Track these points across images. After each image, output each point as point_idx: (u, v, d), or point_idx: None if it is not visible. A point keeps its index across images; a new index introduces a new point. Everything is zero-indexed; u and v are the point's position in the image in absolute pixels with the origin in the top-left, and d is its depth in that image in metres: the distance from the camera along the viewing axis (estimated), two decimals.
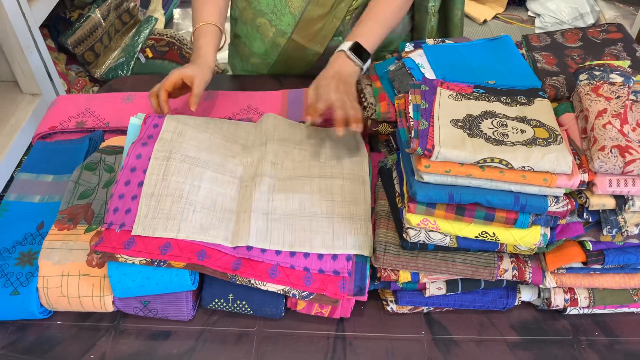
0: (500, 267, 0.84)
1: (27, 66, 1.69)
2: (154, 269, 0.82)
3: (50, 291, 0.84)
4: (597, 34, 1.09)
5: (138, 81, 1.36)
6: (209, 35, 1.11)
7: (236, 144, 1.01)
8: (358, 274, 0.85)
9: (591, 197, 0.78)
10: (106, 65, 2.31)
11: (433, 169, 0.76)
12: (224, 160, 0.96)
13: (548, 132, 0.80)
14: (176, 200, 0.86)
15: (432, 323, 0.88)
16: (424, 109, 0.83)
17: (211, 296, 0.86)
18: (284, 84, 1.30)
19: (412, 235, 0.81)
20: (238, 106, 1.18)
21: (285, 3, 1.19)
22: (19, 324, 0.87)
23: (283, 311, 0.87)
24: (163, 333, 0.87)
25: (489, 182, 0.77)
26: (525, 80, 0.97)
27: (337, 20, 1.20)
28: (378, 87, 1.07)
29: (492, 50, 1.06)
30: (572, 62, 1.03)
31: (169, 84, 1.01)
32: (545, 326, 0.88)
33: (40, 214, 0.93)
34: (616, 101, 0.79)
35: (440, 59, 1.04)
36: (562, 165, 0.75)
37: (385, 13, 1.09)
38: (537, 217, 0.79)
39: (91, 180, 0.96)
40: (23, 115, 1.67)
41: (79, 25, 2.17)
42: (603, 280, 0.85)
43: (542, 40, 1.11)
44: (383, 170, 0.95)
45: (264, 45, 1.28)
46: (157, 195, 0.86)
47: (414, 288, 0.87)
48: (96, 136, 1.08)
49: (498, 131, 0.80)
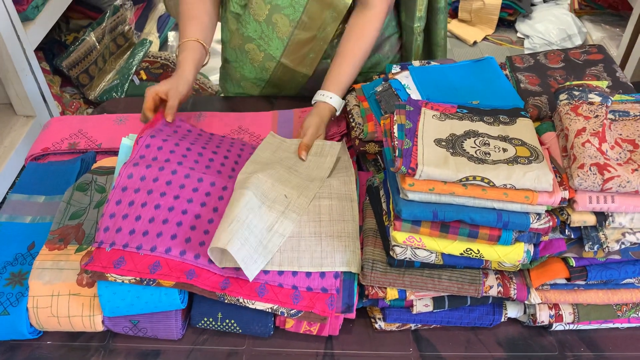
0: (486, 283, 0.85)
1: (21, 89, 1.71)
2: (144, 288, 0.83)
3: (40, 311, 0.84)
4: (579, 55, 1.12)
5: (131, 103, 1.38)
6: (188, 50, 1.14)
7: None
8: (346, 291, 0.86)
9: (572, 214, 0.80)
10: (100, 87, 2.34)
11: (417, 187, 0.78)
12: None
13: (530, 150, 0.82)
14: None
15: (419, 340, 0.89)
16: (409, 128, 0.85)
17: (200, 315, 0.87)
18: (275, 105, 1.33)
19: (399, 253, 0.82)
20: (229, 127, 1.20)
21: (273, 29, 1.21)
22: (9, 345, 0.88)
23: (272, 330, 0.88)
24: (153, 352, 0.87)
25: (472, 200, 0.79)
26: (508, 100, 1.00)
27: (325, 44, 1.22)
28: (365, 107, 1.09)
29: (477, 71, 1.09)
30: (555, 83, 1.06)
31: (148, 104, 1.06)
32: (531, 342, 0.89)
33: (31, 235, 0.94)
34: (595, 120, 0.82)
35: (425, 80, 1.06)
36: (543, 183, 0.77)
37: (356, 55, 1.16)
38: (520, 234, 0.80)
39: (82, 201, 0.97)
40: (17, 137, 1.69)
41: (74, 48, 2.21)
42: (587, 296, 0.86)
43: (525, 62, 1.14)
44: (371, 189, 0.97)
45: (254, 70, 1.31)
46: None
47: (401, 305, 0.88)
48: (88, 157, 1.09)
49: (480, 150, 0.82)
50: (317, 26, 1.20)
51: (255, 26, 1.22)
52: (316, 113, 1.12)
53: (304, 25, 1.20)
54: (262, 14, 1.20)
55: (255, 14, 1.21)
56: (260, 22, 1.21)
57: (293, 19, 1.19)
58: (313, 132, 1.08)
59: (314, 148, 1.07)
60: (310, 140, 1.07)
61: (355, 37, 1.16)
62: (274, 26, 1.21)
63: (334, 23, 1.19)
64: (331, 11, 1.18)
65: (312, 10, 1.18)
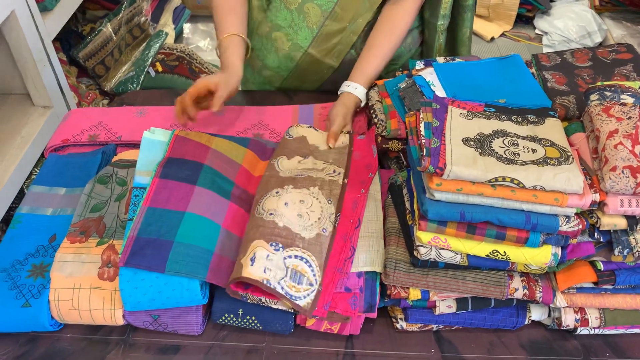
0: (511, 285, 0.84)
1: (39, 79, 1.71)
2: (165, 284, 0.82)
3: (62, 304, 0.84)
4: (607, 54, 1.10)
5: (150, 95, 1.37)
6: (233, 46, 1.14)
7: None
8: (368, 290, 0.85)
9: (602, 217, 0.78)
10: (116, 78, 2.34)
11: (445, 187, 0.77)
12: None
13: (559, 151, 0.81)
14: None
15: (441, 341, 0.88)
16: (436, 127, 0.83)
17: (221, 311, 0.86)
18: (293, 100, 1.32)
19: (423, 253, 0.81)
20: (249, 121, 1.19)
21: (303, 18, 1.20)
22: (30, 336, 0.88)
23: (292, 327, 0.87)
24: (172, 347, 0.87)
25: (500, 201, 0.77)
26: (535, 100, 0.98)
27: (355, 35, 1.22)
28: (388, 104, 1.07)
29: (502, 69, 1.07)
30: (582, 82, 1.04)
31: (193, 90, 1.06)
32: (555, 346, 0.87)
33: (52, 227, 0.94)
34: (627, 122, 0.80)
35: (450, 77, 1.05)
36: (574, 185, 0.75)
37: (385, 48, 1.17)
38: (548, 237, 0.79)
39: (103, 194, 0.97)
40: (34, 127, 1.68)
41: (91, 39, 2.20)
42: (614, 300, 0.85)
43: (552, 60, 1.12)
44: (393, 187, 0.96)
45: (277, 59, 1.30)
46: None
47: (423, 306, 0.87)
48: (109, 150, 1.09)
49: (509, 150, 0.80)
50: (349, 18, 1.19)
51: (286, 14, 1.21)
52: (341, 103, 1.13)
53: (336, 16, 1.19)
54: (294, 2, 1.20)
55: (287, 2, 1.21)
56: (291, 10, 1.21)
57: (325, 9, 1.19)
58: (340, 121, 1.09)
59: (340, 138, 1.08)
60: (338, 129, 1.08)
61: (385, 30, 1.17)
62: (305, 15, 1.20)
63: (366, 14, 1.19)
64: (364, 2, 1.17)
65: (346, 2, 1.18)
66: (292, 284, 0.80)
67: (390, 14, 1.18)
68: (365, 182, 0.96)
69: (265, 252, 0.81)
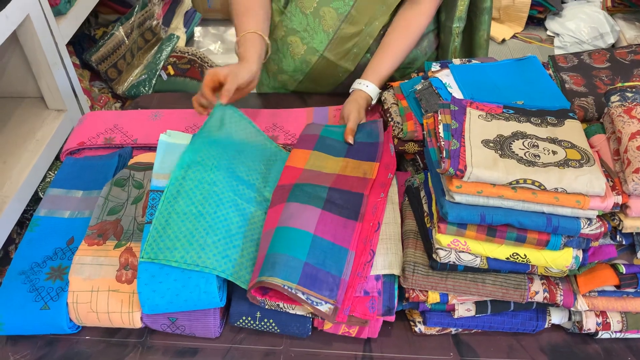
0: (531, 289, 0.83)
1: (53, 83, 1.71)
2: (183, 286, 0.82)
3: (80, 306, 0.84)
4: (625, 55, 1.09)
5: (164, 98, 1.37)
6: (248, 42, 1.13)
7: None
8: (386, 293, 0.85)
9: (625, 220, 0.77)
10: (128, 82, 2.35)
11: (465, 189, 0.76)
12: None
13: (580, 153, 0.80)
14: None
15: (460, 345, 0.87)
16: (455, 129, 0.83)
17: (239, 314, 0.86)
18: (308, 103, 1.31)
19: (443, 256, 0.81)
20: (263, 124, 1.19)
21: (319, 21, 1.20)
22: (48, 339, 0.88)
23: (310, 330, 0.87)
24: (190, 350, 0.87)
25: (521, 204, 0.76)
26: (554, 101, 0.97)
27: (370, 39, 1.21)
28: (404, 106, 1.07)
29: (520, 70, 1.06)
30: (601, 83, 1.03)
31: (207, 81, 1.06)
32: (576, 350, 0.87)
33: (70, 229, 0.94)
34: None
35: (467, 79, 1.04)
36: (596, 187, 0.74)
37: (398, 48, 1.18)
38: (570, 239, 0.78)
39: (120, 197, 0.97)
40: (48, 130, 1.69)
41: (103, 42, 2.21)
42: (636, 304, 0.84)
43: (569, 61, 1.11)
44: (410, 190, 0.95)
45: (293, 63, 1.29)
46: None
47: (442, 309, 0.86)
48: (125, 152, 1.09)
49: (529, 152, 0.80)
50: (365, 21, 1.19)
51: (301, 18, 1.21)
52: (353, 100, 1.13)
53: (352, 19, 1.19)
54: (309, 6, 1.20)
55: (302, 6, 1.21)
56: (306, 14, 1.20)
57: (341, 13, 1.18)
58: (356, 116, 1.09)
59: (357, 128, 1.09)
60: (354, 124, 1.08)
61: (399, 31, 1.17)
62: (321, 19, 1.20)
63: (383, 17, 1.19)
64: (381, 5, 1.17)
65: (362, 5, 1.17)
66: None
67: (405, 16, 1.18)
68: (385, 185, 0.96)
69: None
